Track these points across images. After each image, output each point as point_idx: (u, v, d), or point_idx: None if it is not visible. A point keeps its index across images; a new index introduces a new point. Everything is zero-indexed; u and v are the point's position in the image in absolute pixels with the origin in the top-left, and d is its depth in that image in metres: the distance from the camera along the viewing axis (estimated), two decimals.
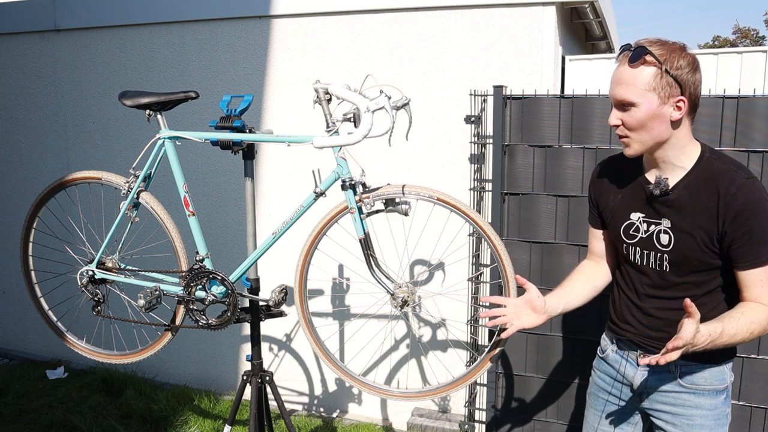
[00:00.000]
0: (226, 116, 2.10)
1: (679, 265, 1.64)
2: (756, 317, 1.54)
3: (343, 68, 3.38)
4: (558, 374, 2.95)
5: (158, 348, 2.36)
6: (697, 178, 1.59)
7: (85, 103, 4.03)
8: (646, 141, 1.57)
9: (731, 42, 27.90)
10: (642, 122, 1.54)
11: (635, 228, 1.70)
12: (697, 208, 1.58)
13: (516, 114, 2.86)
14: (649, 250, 1.68)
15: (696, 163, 1.60)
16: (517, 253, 2.89)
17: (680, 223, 1.61)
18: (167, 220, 2.27)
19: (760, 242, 1.53)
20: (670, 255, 1.64)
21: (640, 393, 1.76)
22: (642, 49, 1.51)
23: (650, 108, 1.52)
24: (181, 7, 3.67)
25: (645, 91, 1.52)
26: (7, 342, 4.62)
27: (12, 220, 4.33)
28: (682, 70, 1.51)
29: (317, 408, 3.77)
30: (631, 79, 1.52)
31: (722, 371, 1.68)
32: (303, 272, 2.13)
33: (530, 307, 1.70)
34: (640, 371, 1.75)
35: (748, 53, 3.47)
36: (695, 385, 1.68)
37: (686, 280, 1.64)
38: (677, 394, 1.70)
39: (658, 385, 1.72)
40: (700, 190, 1.58)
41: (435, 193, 1.94)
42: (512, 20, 3.06)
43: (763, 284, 1.55)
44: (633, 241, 1.71)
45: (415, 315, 3.43)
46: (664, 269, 1.66)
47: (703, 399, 1.68)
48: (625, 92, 1.53)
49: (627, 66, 1.53)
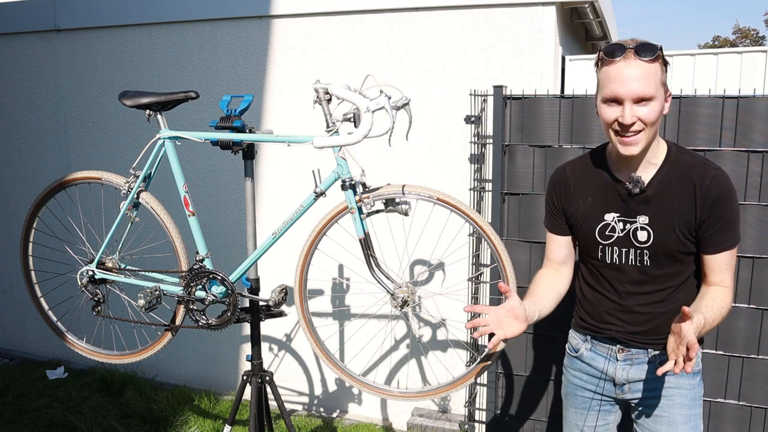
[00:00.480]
0: (226, 116, 2.10)
1: (659, 257, 1.69)
2: (723, 302, 1.65)
3: (343, 68, 3.38)
4: (558, 374, 2.95)
5: (158, 348, 2.36)
6: (669, 172, 1.65)
7: (85, 103, 4.03)
8: (651, 137, 1.60)
9: (731, 42, 27.91)
10: (658, 116, 1.57)
11: (611, 228, 1.73)
12: (674, 202, 1.64)
13: (516, 114, 2.86)
14: (628, 248, 1.72)
15: (665, 159, 1.66)
16: (517, 253, 2.89)
17: (658, 218, 1.66)
18: (167, 220, 2.27)
19: (729, 228, 1.63)
20: (650, 250, 1.69)
21: (622, 385, 1.80)
22: (652, 45, 1.54)
23: (662, 102, 1.58)
24: (181, 7, 3.67)
25: (659, 86, 1.56)
26: (7, 342, 4.62)
27: (12, 220, 4.33)
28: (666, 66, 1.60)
29: (317, 408, 3.77)
30: (648, 73, 1.54)
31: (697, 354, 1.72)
32: (303, 272, 2.13)
33: (513, 316, 1.67)
34: (620, 365, 1.79)
35: (748, 53, 3.47)
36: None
37: (665, 272, 1.71)
38: (659, 379, 1.74)
39: (639, 374, 1.77)
40: (673, 184, 1.65)
41: (435, 193, 1.94)
42: (512, 20, 3.06)
43: (728, 268, 1.66)
44: (609, 241, 1.74)
45: (415, 315, 3.43)
46: (645, 264, 1.71)
47: (682, 380, 1.74)
48: (646, 87, 1.54)
49: (640, 61, 1.53)
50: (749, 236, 2.52)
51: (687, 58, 3.59)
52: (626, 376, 1.78)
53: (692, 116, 2.56)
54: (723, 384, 2.63)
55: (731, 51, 3.57)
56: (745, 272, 2.56)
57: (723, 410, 2.65)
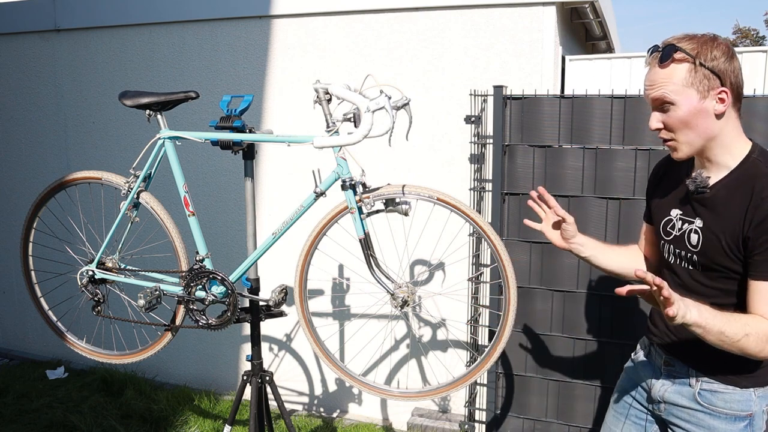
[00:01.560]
0: (226, 116, 2.10)
1: (705, 267, 1.56)
2: (750, 326, 1.43)
3: (343, 68, 3.38)
4: (558, 374, 2.95)
5: (158, 348, 2.36)
6: (738, 178, 1.50)
7: (85, 103, 4.03)
8: (693, 141, 1.50)
9: (731, 42, 27.91)
10: (684, 121, 1.47)
11: (671, 225, 1.65)
12: (729, 210, 1.50)
13: (516, 114, 2.86)
14: (680, 248, 1.62)
15: (740, 163, 1.51)
16: (517, 253, 2.89)
17: (710, 224, 1.54)
18: (167, 220, 2.27)
19: None
20: (698, 256, 1.57)
21: (658, 402, 1.71)
22: (671, 48, 1.46)
23: (691, 104, 1.46)
24: (181, 7, 3.67)
25: (683, 88, 1.45)
26: (7, 342, 4.62)
27: (12, 220, 4.33)
28: (717, 60, 1.44)
29: (317, 408, 3.77)
30: (665, 78, 1.47)
31: (747, 396, 1.56)
32: (303, 272, 2.13)
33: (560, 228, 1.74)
34: (662, 380, 1.69)
35: (748, 53, 3.47)
36: (713, 405, 1.58)
37: (715, 286, 1.56)
38: (693, 411, 1.62)
39: (675, 398, 1.65)
40: (737, 191, 1.49)
41: (435, 193, 1.94)
42: (512, 20, 3.06)
43: None
44: (669, 238, 1.66)
45: (415, 315, 3.43)
46: (695, 269, 1.60)
47: (719, 422, 1.57)
48: (661, 93, 1.48)
49: (658, 68, 1.48)
50: None
51: None
52: (663, 393, 1.68)
53: None
54: None
55: None
56: None
57: None
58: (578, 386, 2.92)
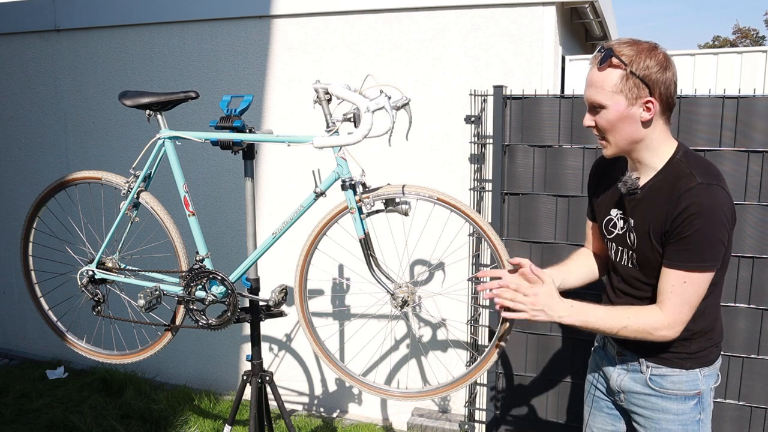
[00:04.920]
0: (226, 116, 2.10)
1: (642, 265, 1.65)
2: (641, 317, 1.57)
3: (343, 68, 3.38)
4: (558, 374, 2.95)
5: (158, 348, 2.36)
6: (663, 179, 1.59)
7: (85, 103, 4.03)
8: (619, 142, 1.59)
9: (731, 42, 27.91)
10: (612, 123, 1.56)
11: (613, 224, 1.74)
12: (655, 209, 1.58)
13: (516, 114, 2.86)
14: (623, 246, 1.71)
15: (665, 165, 1.60)
16: (517, 253, 2.89)
17: (641, 223, 1.63)
18: (167, 220, 2.27)
19: (686, 247, 1.51)
20: (636, 254, 1.66)
21: (618, 392, 1.78)
22: (609, 52, 1.52)
23: (618, 110, 1.53)
24: (181, 7, 3.67)
25: (612, 93, 1.53)
26: (7, 342, 4.62)
27: (12, 220, 4.33)
28: (649, 70, 1.50)
29: (317, 408, 3.77)
30: (599, 81, 1.54)
31: (693, 377, 1.66)
32: (303, 272, 2.12)
33: (525, 281, 1.68)
34: (616, 370, 1.77)
35: (748, 53, 3.47)
36: (663, 389, 1.68)
37: (650, 282, 1.64)
38: (647, 397, 1.70)
39: (631, 385, 1.73)
40: (662, 191, 1.58)
41: (435, 193, 1.94)
42: (512, 20, 3.06)
43: (674, 292, 1.54)
44: (611, 236, 1.75)
45: (415, 315, 3.43)
46: (634, 267, 1.68)
47: (670, 403, 1.67)
48: (594, 95, 1.56)
49: (596, 69, 1.55)
50: (749, 236, 2.52)
51: (687, 58, 3.59)
52: (620, 383, 1.76)
53: (692, 116, 2.57)
54: (723, 384, 2.63)
55: (731, 51, 3.58)
56: (745, 272, 2.56)
57: (723, 410, 2.65)
58: (578, 386, 2.92)
